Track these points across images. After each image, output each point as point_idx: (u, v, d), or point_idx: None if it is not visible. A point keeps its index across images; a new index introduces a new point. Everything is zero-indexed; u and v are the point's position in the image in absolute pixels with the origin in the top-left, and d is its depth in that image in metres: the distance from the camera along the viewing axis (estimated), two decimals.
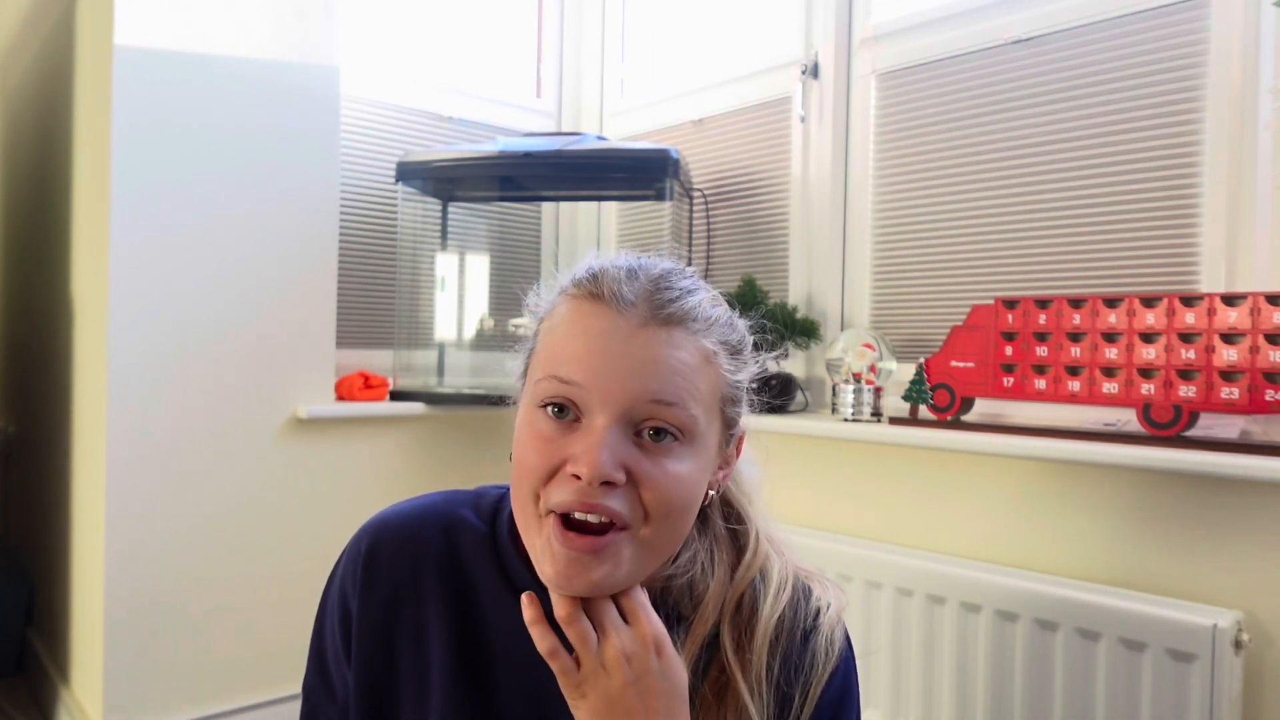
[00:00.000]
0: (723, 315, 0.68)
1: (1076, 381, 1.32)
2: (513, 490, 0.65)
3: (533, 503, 0.63)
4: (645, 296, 0.63)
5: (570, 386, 0.61)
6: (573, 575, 0.60)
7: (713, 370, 0.65)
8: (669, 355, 0.62)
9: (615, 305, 0.63)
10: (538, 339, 0.68)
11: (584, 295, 0.64)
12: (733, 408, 0.68)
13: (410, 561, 0.72)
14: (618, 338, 0.62)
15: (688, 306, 0.64)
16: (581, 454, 0.60)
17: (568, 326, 0.64)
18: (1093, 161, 1.50)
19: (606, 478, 0.59)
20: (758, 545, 0.72)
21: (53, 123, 2.00)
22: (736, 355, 0.68)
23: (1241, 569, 1.20)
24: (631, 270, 0.65)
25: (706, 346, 0.65)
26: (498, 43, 2.34)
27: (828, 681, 0.68)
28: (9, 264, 2.48)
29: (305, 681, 0.77)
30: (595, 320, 0.63)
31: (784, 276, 1.97)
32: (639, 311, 0.63)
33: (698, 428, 0.63)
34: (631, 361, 0.61)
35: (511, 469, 0.66)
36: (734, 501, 0.74)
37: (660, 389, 0.61)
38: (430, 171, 1.97)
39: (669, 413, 0.61)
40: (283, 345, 1.74)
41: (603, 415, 0.61)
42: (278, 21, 1.72)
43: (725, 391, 0.67)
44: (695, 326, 0.64)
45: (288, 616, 1.77)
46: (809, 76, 1.90)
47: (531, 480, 0.62)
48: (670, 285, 0.65)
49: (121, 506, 1.56)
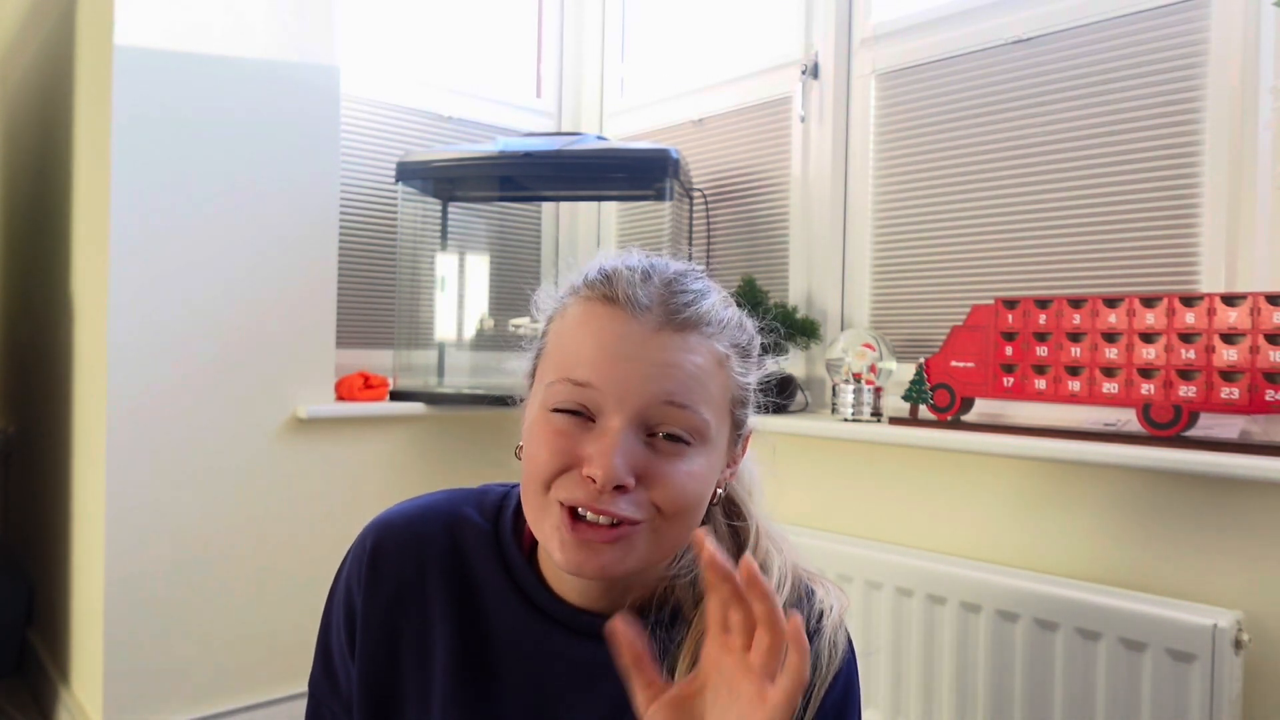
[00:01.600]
0: (734, 317, 0.68)
1: (1076, 381, 1.32)
2: (524, 482, 0.65)
3: (543, 493, 0.63)
4: (660, 300, 0.63)
5: (584, 390, 0.61)
6: (582, 560, 0.61)
7: (724, 373, 0.65)
8: (684, 360, 0.62)
9: (630, 309, 0.63)
10: (547, 339, 0.68)
11: (597, 297, 0.64)
12: (741, 409, 0.69)
13: (415, 560, 0.72)
14: (632, 341, 0.62)
15: (702, 310, 0.64)
16: (595, 456, 0.60)
17: (580, 329, 0.64)
18: (1093, 161, 1.50)
19: (620, 481, 0.60)
20: (758, 541, 0.73)
21: (53, 122, 2.00)
22: (746, 357, 0.68)
23: (1241, 569, 1.20)
24: (645, 272, 0.65)
25: (719, 350, 0.65)
26: (498, 43, 2.34)
27: (830, 684, 0.68)
28: (9, 264, 2.48)
29: (311, 677, 0.78)
30: (610, 324, 0.63)
31: (784, 276, 1.97)
32: (654, 316, 0.63)
33: (709, 431, 0.64)
34: (646, 366, 0.61)
35: (522, 463, 0.66)
36: (735, 498, 0.75)
37: (675, 393, 0.61)
38: (430, 171, 1.97)
39: (682, 417, 0.62)
40: (283, 345, 1.74)
41: (617, 417, 0.61)
42: (278, 21, 1.72)
43: (735, 394, 0.67)
44: (709, 330, 0.64)
45: (288, 616, 1.77)
46: (809, 76, 1.90)
47: (543, 474, 0.62)
48: (684, 289, 0.65)
49: (121, 506, 1.56)
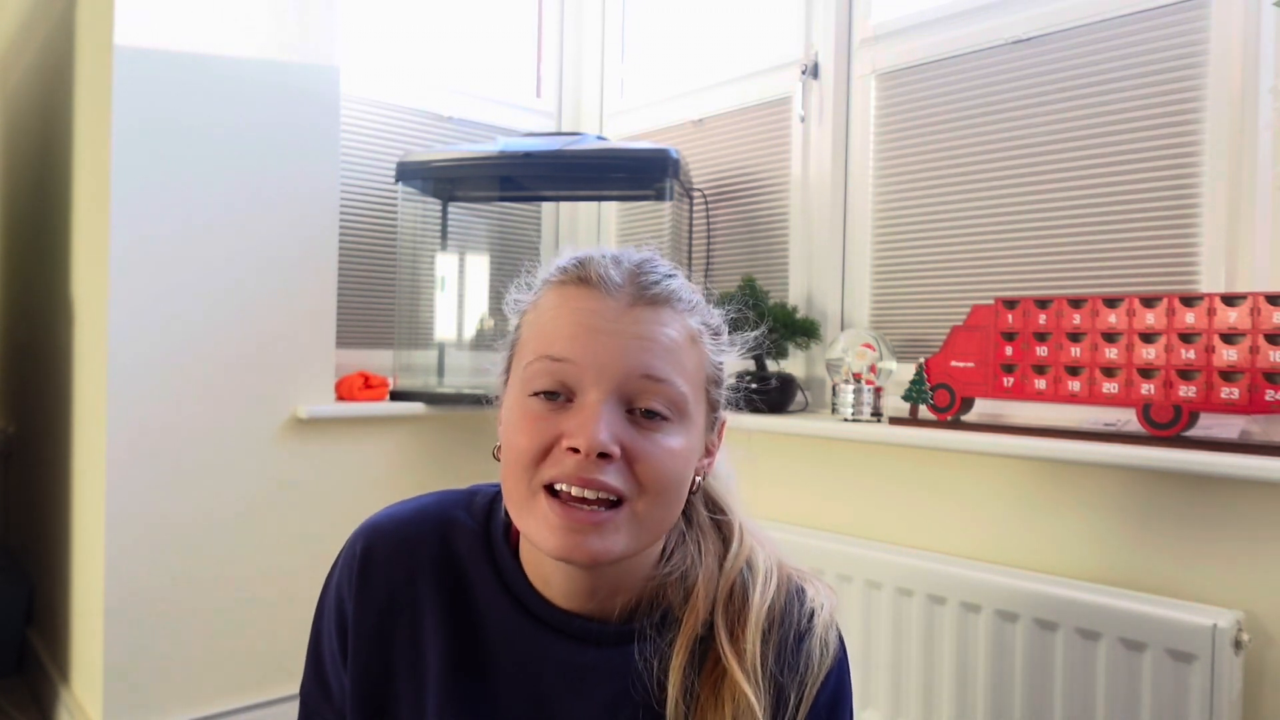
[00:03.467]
0: (701, 300, 0.70)
1: (1076, 381, 1.32)
2: (504, 473, 0.65)
3: (525, 482, 0.62)
4: (631, 278, 0.65)
5: (563, 364, 0.62)
6: (572, 546, 0.61)
7: (698, 349, 0.67)
8: (658, 332, 0.64)
9: (603, 287, 0.64)
10: (521, 330, 0.69)
11: (570, 280, 0.66)
12: (716, 389, 0.70)
13: (405, 564, 0.72)
14: (608, 316, 0.63)
15: (673, 287, 0.66)
16: (577, 428, 0.60)
17: (555, 310, 0.65)
18: (1093, 161, 1.50)
19: (603, 449, 0.60)
20: (743, 535, 0.73)
21: (53, 123, 2.00)
22: (717, 337, 0.70)
23: (1241, 569, 1.20)
24: (615, 257, 0.67)
25: (692, 325, 0.67)
26: (498, 43, 2.34)
27: (823, 683, 0.69)
28: (9, 264, 2.48)
29: (302, 685, 0.77)
30: (585, 302, 0.64)
31: (784, 276, 1.97)
32: (626, 292, 0.64)
33: (688, 405, 0.65)
34: (622, 339, 0.62)
35: (502, 457, 0.66)
36: (714, 494, 0.76)
37: (652, 365, 0.62)
38: (430, 171, 1.97)
39: (661, 389, 0.63)
40: (283, 345, 1.74)
41: (595, 391, 0.61)
42: (278, 21, 1.72)
43: (710, 371, 0.69)
44: (680, 306, 0.66)
45: (288, 616, 1.77)
46: (809, 76, 1.90)
47: (524, 460, 0.62)
48: (654, 269, 0.67)
49: (121, 506, 1.56)
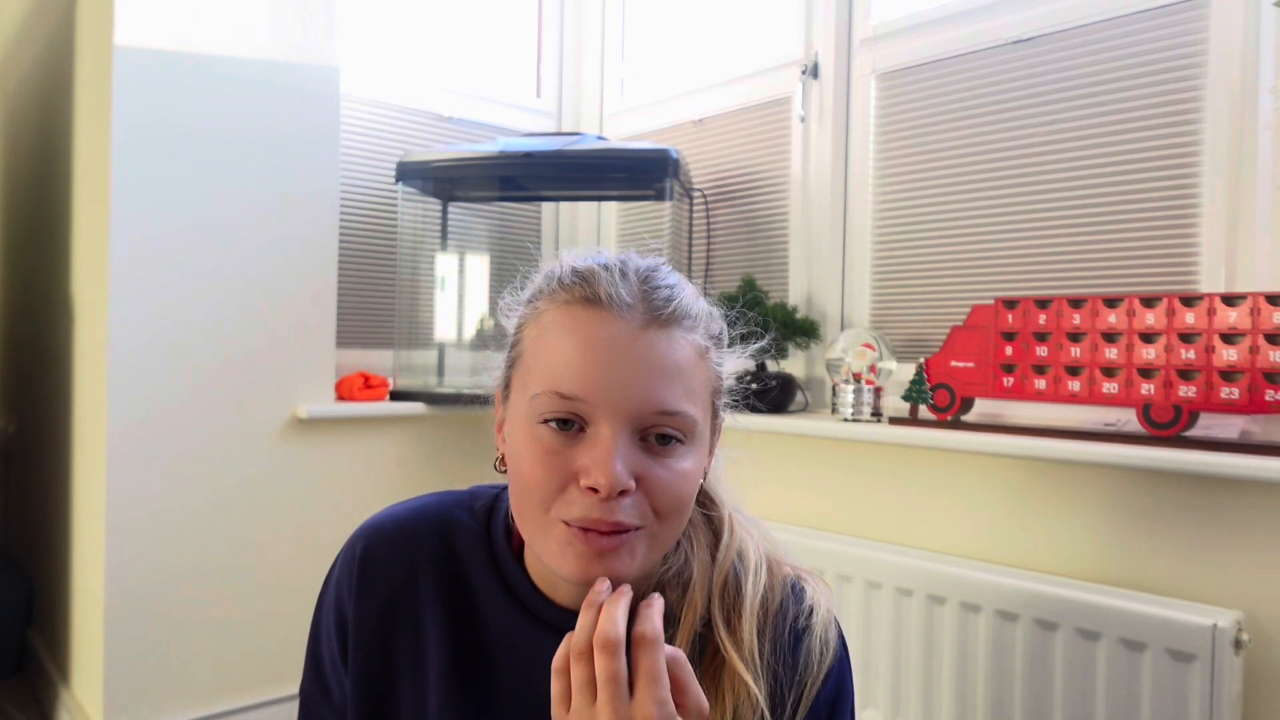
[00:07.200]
0: (706, 308, 0.68)
1: (1076, 381, 1.32)
2: (516, 499, 0.64)
3: (541, 513, 0.62)
4: (642, 297, 0.63)
5: (574, 402, 0.60)
6: (591, 570, 0.60)
7: (705, 365, 0.66)
8: (671, 359, 0.62)
9: (613, 309, 0.61)
10: (523, 346, 0.66)
11: (576, 300, 0.63)
12: (719, 399, 0.69)
13: (406, 564, 0.71)
14: (621, 344, 0.61)
15: (683, 304, 0.64)
16: (594, 466, 0.59)
17: (563, 336, 0.62)
18: (1093, 161, 1.50)
19: (623, 488, 0.59)
20: (733, 526, 0.73)
21: (53, 123, 2.00)
22: (720, 346, 0.69)
23: (1241, 569, 1.20)
24: (621, 269, 0.64)
25: (700, 343, 0.65)
26: (497, 43, 2.34)
27: (823, 682, 0.68)
28: (9, 264, 2.48)
29: (302, 687, 0.77)
30: (596, 328, 0.61)
31: (784, 276, 1.97)
32: (638, 314, 0.62)
33: (698, 427, 0.64)
34: (636, 370, 0.60)
35: (510, 479, 0.65)
36: (705, 487, 0.74)
37: (665, 400, 0.61)
38: (430, 171, 1.97)
39: (674, 420, 0.62)
40: (283, 345, 1.74)
41: (609, 424, 0.60)
42: (278, 22, 1.72)
43: (715, 384, 0.68)
44: (689, 324, 0.64)
45: (288, 616, 1.77)
46: (809, 76, 1.90)
47: (540, 495, 0.61)
48: (662, 282, 0.64)
49: (121, 507, 1.56)
